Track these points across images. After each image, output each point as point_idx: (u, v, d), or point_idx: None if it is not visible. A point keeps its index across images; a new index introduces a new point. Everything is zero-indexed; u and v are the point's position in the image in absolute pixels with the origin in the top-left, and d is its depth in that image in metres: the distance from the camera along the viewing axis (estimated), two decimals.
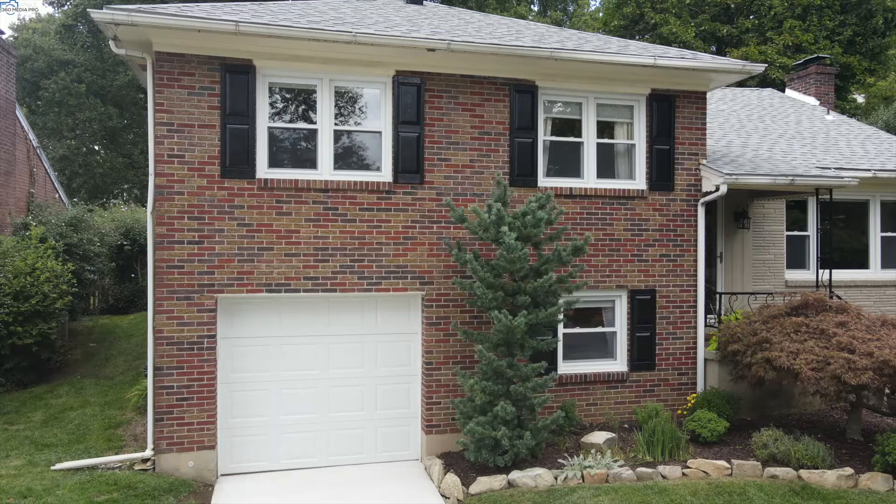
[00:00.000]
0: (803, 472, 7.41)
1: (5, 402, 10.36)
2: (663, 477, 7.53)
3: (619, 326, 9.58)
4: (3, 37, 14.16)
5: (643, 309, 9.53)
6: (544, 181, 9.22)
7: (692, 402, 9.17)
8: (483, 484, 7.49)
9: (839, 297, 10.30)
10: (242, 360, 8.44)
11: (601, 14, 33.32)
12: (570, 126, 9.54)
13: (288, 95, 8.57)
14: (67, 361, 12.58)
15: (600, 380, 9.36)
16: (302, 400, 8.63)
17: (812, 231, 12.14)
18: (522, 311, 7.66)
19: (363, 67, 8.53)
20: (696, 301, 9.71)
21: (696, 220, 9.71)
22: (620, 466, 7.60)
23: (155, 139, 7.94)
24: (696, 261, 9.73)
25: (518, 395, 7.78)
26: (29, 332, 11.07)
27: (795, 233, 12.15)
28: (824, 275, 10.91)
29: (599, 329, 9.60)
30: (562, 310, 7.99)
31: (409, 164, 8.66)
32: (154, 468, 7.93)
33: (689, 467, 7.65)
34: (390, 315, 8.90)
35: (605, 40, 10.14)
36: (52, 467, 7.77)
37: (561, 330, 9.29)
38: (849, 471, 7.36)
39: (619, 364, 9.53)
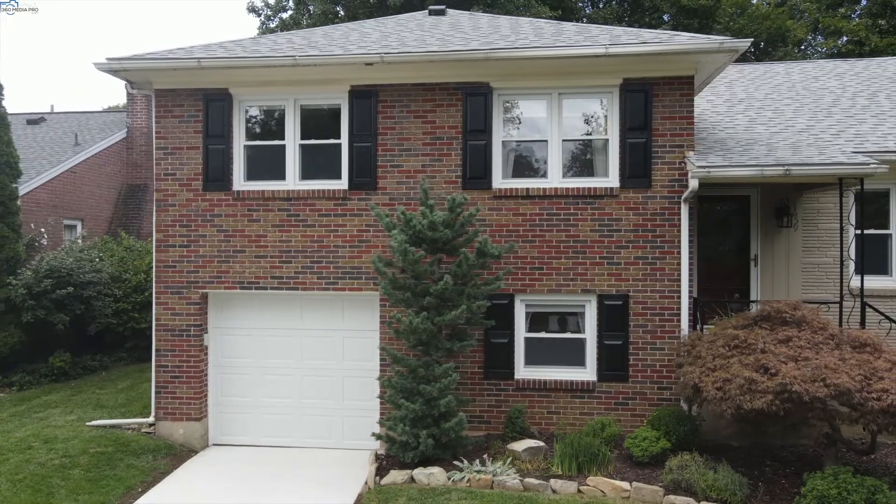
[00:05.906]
0: None
1: (115, 372, 13.09)
2: (553, 491, 7.12)
3: (589, 333, 9.03)
4: None
5: (614, 315, 8.88)
6: (501, 183, 9.10)
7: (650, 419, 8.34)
8: (391, 477, 7.82)
9: (876, 310, 8.44)
10: (230, 347, 9.78)
11: None
12: (534, 124, 9.26)
13: (261, 116, 9.71)
14: None
15: (563, 388, 8.95)
16: (279, 386, 9.70)
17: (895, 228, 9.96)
18: (423, 312, 7.84)
19: (322, 86, 9.33)
20: (679, 308, 8.76)
21: (679, 220, 8.77)
22: (511, 475, 7.36)
23: (156, 161, 9.62)
24: (679, 264, 8.77)
25: (427, 394, 7.94)
26: (144, 318, 13.78)
27: (870, 231, 10.02)
28: (870, 282, 8.94)
29: (566, 335, 9.16)
30: (466, 312, 7.95)
31: (364, 171, 9.23)
32: (154, 432, 9.62)
33: (587, 485, 7.12)
34: (355, 313, 9.56)
35: (581, 30, 9.58)
36: (87, 423, 9.86)
37: (522, 334, 9.12)
38: None
39: (587, 373, 9.00)
